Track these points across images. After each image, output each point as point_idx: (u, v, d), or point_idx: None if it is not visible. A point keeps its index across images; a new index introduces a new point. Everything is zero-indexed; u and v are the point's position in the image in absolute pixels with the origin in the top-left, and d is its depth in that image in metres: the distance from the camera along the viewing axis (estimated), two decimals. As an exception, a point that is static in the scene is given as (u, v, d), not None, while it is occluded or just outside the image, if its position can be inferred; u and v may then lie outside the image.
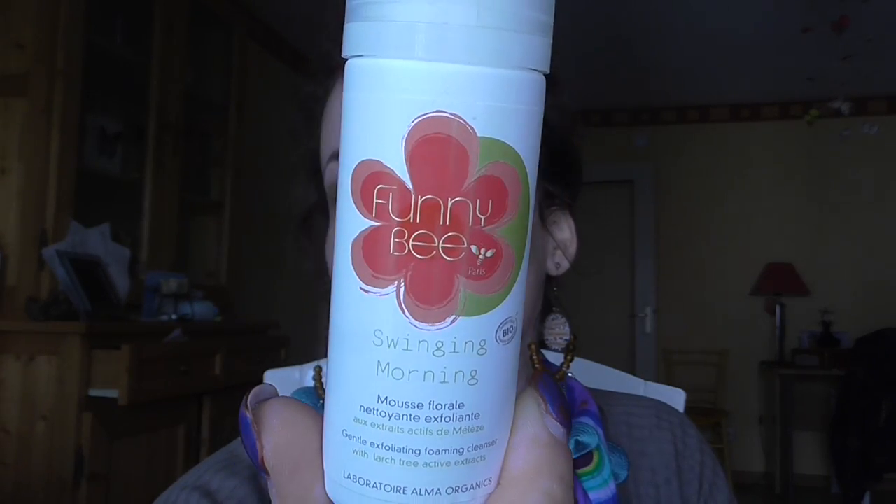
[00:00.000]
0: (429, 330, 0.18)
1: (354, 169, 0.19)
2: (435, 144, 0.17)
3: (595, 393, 0.56)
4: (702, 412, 4.84)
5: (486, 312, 0.18)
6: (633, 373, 0.88)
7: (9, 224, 2.14)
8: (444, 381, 0.18)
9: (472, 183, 0.17)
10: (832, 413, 4.50)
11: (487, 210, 0.18)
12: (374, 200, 0.18)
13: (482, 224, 0.18)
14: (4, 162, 2.17)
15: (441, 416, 0.18)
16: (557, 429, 0.20)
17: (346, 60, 0.19)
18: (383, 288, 0.18)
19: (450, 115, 0.17)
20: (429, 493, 0.17)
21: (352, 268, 0.19)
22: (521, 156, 0.18)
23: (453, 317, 0.18)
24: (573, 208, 0.52)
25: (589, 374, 0.93)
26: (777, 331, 4.94)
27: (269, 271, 4.13)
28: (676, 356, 5.16)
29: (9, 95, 2.18)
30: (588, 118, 5.61)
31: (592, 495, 0.45)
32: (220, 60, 3.17)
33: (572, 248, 0.51)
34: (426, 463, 0.17)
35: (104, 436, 1.98)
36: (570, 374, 0.53)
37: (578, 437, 0.47)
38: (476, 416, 0.18)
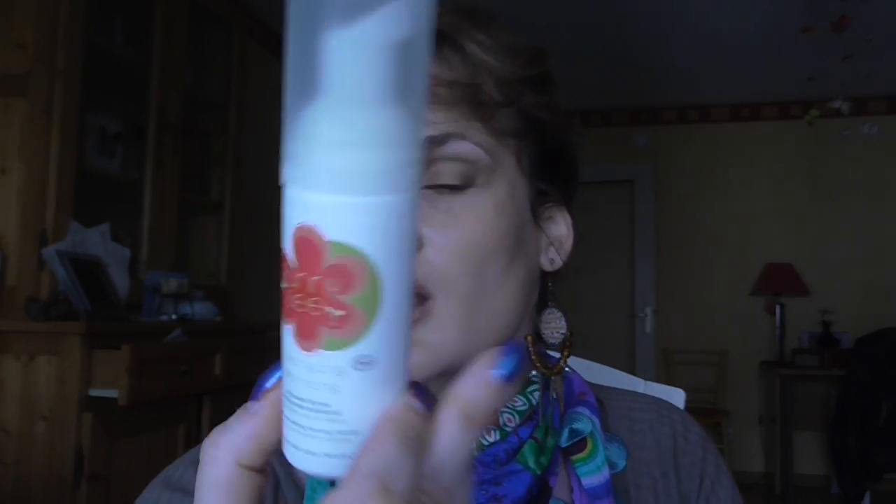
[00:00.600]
0: (307, 356, 0.28)
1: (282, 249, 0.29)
2: (304, 242, 0.28)
3: (596, 387, 0.57)
4: (702, 412, 4.84)
5: (341, 349, 0.28)
6: (633, 373, 0.88)
7: (9, 224, 2.14)
8: (315, 388, 0.28)
9: (325, 268, 0.27)
10: (832, 413, 4.50)
11: (338, 286, 0.27)
12: (283, 271, 0.30)
13: (335, 294, 0.27)
14: (4, 162, 2.17)
15: (315, 409, 0.28)
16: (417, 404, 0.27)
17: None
18: (287, 325, 0.30)
19: (310, 226, 0.28)
20: (313, 455, 0.28)
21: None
22: (367, 252, 0.27)
23: (319, 350, 0.28)
24: (570, 204, 0.54)
25: (589, 373, 0.93)
26: (777, 331, 4.94)
27: (269, 271, 4.13)
28: (676, 356, 5.16)
29: (9, 95, 2.18)
30: (588, 118, 5.61)
31: (585, 481, 0.47)
32: (220, 60, 3.17)
33: (568, 244, 0.54)
34: (312, 435, 0.28)
35: (104, 436, 1.98)
36: (567, 368, 0.55)
37: (572, 426, 0.48)
38: (338, 413, 0.28)
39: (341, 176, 0.27)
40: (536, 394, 0.49)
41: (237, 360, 2.51)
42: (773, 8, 3.69)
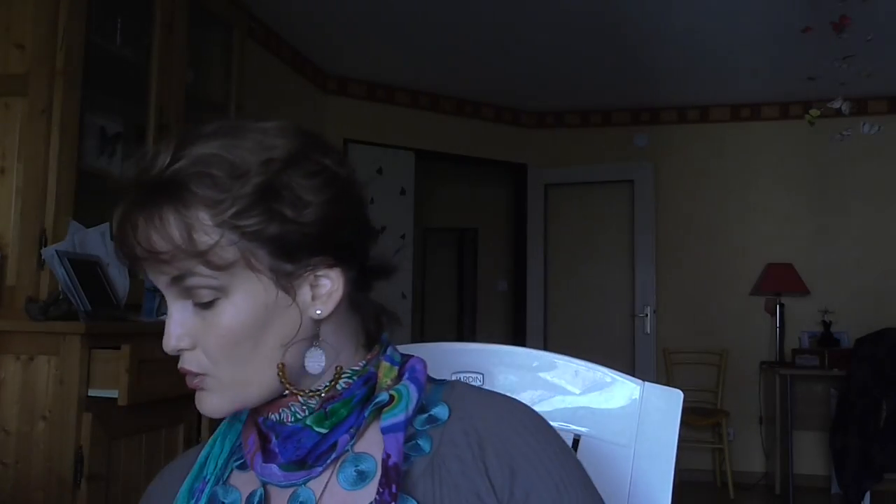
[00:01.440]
0: None
1: None
2: None
3: (454, 386, 0.74)
4: (702, 412, 4.84)
5: None
6: (632, 373, 0.88)
7: (9, 224, 2.15)
8: None
9: None
10: (832, 413, 4.50)
11: None
12: None
13: None
14: (4, 162, 2.17)
15: None
16: None
17: None
18: None
19: None
20: None
21: None
22: None
23: None
24: (344, 259, 0.68)
25: (589, 373, 0.93)
26: (777, 331, 4.95)
27: (269, 271, 4.14)
28: (676, 356, 5.16)
29: (9, 95, 2.18)
30: (588, 118, 5.61)
31: (383, 424, 0.66)
32: (220, 60, 3.17)
33: (336, 295, 0.68)
34: None
35: (104, 436, 1.98)
36: (419, 359, 0.73)
37: (392, 390, 0.69)
38: None
39: None
40: (344, 382, 0.69)
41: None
42: (773, 8, 3.69)
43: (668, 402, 0.87)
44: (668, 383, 0.86)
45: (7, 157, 2.16)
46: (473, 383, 0.83)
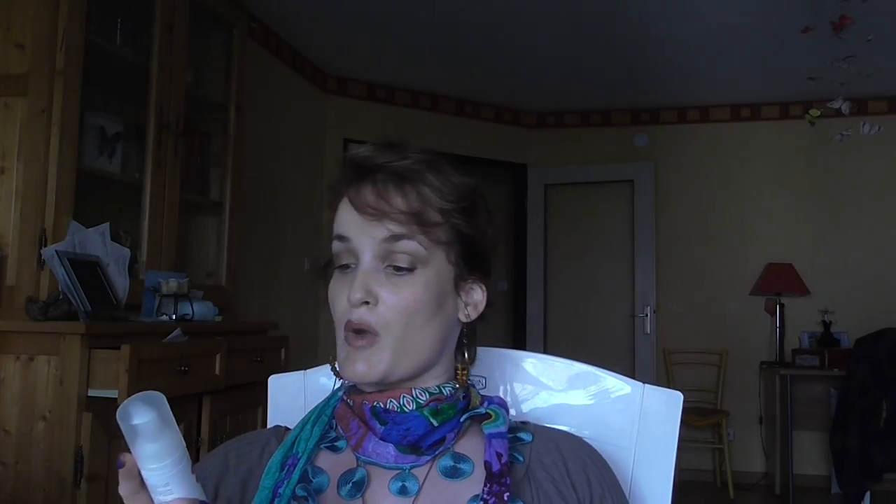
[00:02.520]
0: None
1: None
2: None
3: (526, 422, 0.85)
4: (702, 412, 4.84)
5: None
6: (632, 373, 0.88)
7: (9, 224, 2.15)
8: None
9: None
10: (832, 413, 4.50)
11: None
12: None
13: None
14: (4, 162, 2.17)
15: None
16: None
17: None
18: None
19: None
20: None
21: None
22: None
23: None
24: (488, 279, 0.84)
25: (589, 375, 0.93)
26: (777, 331, 4.95)
27: (269, 271, 4.14)
28: (676, 356, 5.16)
29: (9, 95, 2.18)
30: (588, 118, 5.61)
31: (487, 430, 0.76)
32: (220, 60, 3.17)
33: (480, 307, 0.83)
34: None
35: (104, 436, 1.98)
36: (496, 396, 0.84)
37: (486, 408, 0.80)
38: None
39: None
40: (448, 389, 0.79)
41: (237, 360, 2.51)
42: (773, 8, 3.69)
43: (668, 404, 0.87)
44: (668, 383, 0.86)
45: (7, 157, 2.16)
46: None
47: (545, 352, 1.36)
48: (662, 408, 0.87)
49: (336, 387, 0.84)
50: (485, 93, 5.31)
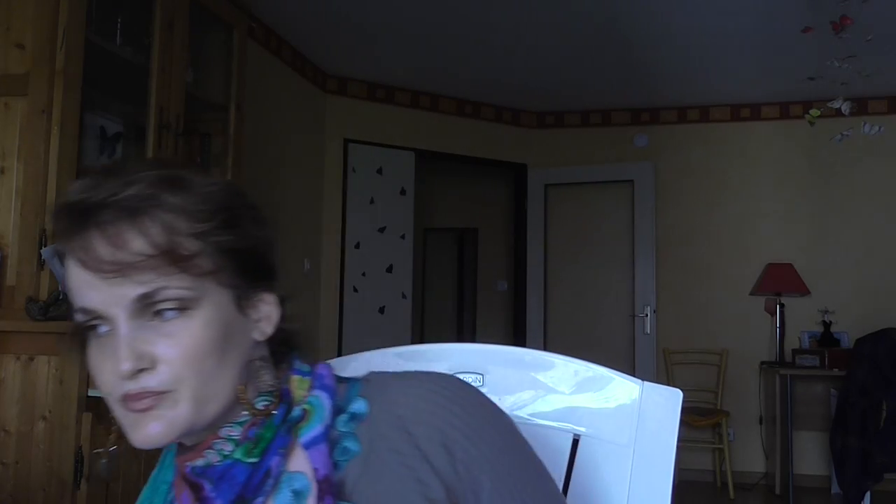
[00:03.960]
0: None
1: None
2: None
3: (370, 379, 0.73)
4: (702, 412, 4.84)
5: None
6: (633, 373, 0.88)
7: (9, 224, 2.15)
8: None
9: None
10: (832, 413, 4.50)
11: None
12: None
13: None
14: (4, 162, 2.17)
15: None
16: None
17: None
18: None
19: None
20: None
21: None
22: None
23: None
24: (273, 284, 0.73)
25: (588, 372, 0.93)
26: (777, 331, 4.95)
27: (269, 271, 4.13)
28: (676, 356, 5.16)
29: (9, 95, 2.18)
30: (588, 118, 5.61)
31: (301, 439, 0.66)
32: (220, 60, 3.17)
33: (275, 317, 0.72)
34: None
35: (104, 436, 1.98)
36: (325, 364, 0.75)
37: (305, 404, 0.69)
38: None
39: None
40: (262, 405, 0.68)
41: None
42: (773, 8, 3.69)
43: (667, 402, 0.87)
44: (668, 383, 0.86)
45: (7, 157, 2.17)
46: (473, 384, 0.81)
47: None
48: (662, 405, 0.87)
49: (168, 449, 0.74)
50: (485, 93, 5.31)
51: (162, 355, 0.63)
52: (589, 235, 5.59)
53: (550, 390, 0.93)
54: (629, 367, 5.24)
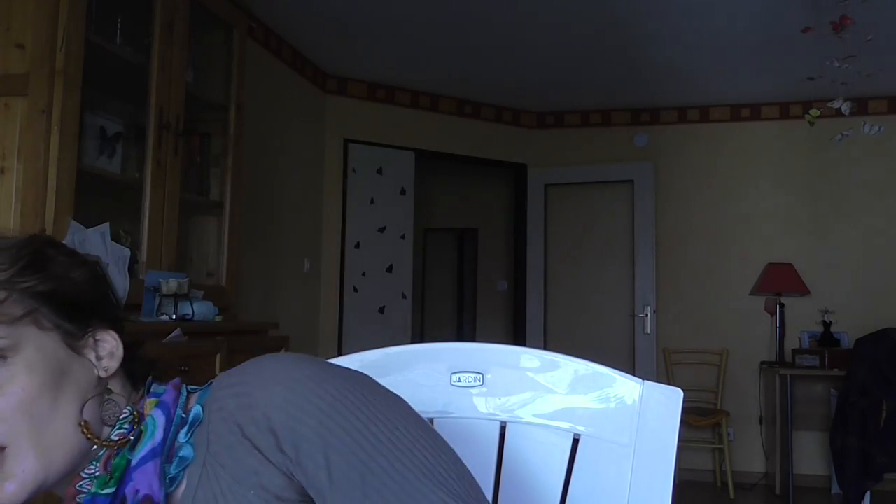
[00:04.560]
0: None
1: None
2: None
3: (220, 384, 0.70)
4: (702, 412, 4.84)
5: None
6: (632, 373, 0.88)
7: (9, 224, 2.14)
8: None
9: None
10: (832, 413, 4.50)
11: None
12: None
13: None
14: (4, 162, 2.17)
15: None
16: None
17: None
18: None
19: None
20: None
21: None
22: None
23: None
24: (111, 320, 0.73)
25: (588, 372, 0.93)
26: (777, 331, 4.95)
27: (269, 271, 4.14)
28: (676, 356, 5.16)
29: (9, 95, 2.18)
30: (588, 118, 5.61)
31: (133, 460, 0.66)
32: (220, 60, 3.17)
33: (118, 353, 0.72)
34: None
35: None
36: (175, 381, 0.74)
37: (133, 435, 0.68)
38: None
39: None
40: (117, 434, 0.68)
41: (237, 360, 2.50)
42: (773, 8, 3.69)
43: (668, 401, 0.87)
44: (668, 383, 0.86)
45: (7, 157, 2.16)
46: (473, 383, 0.79)
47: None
48: (662, 404, 0.87)
49: None
50: (485, 93, 5.31)
51: None
52: (589, 235, 5.59)
53: (551, 390, 0.93)
54: (629, 366, 5.24)
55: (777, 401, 4.73)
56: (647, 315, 5.34)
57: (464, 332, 7.21)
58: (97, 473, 0.67)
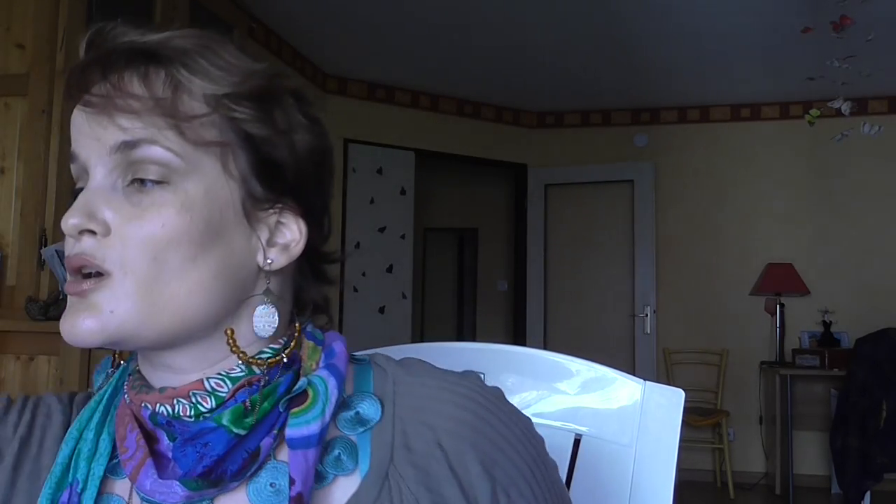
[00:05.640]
0: None
1: None
2: None
3: (395, 364, 0.61)
4: (702, 412, 4.84)
5: None
6: (632, 373, 0.88)
7: (9, 224, 2.15)
8: None
9: None
10: (832, 413, 4.50)
11: None
12: None
13: None
14: (4, 162, 2.17)
15: None
16: None
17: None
18: None
19: None
20: None
21: None
22: None
23: None
24: (312, 216, 0.59)
25: (590, 372, 0.93)
26: (777, 331, 4.94)
27: (269, 271, 4.13)
28: (676, 356, 5.16)
29: (9, 95, 2.18)
30: (588, 118, 5.61)
31: (289, 431, 0.52)
32: (220, 60, 3.17)
33: (294, 250, 0.58)
34: None
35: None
36: (339, 336, 0.60)
37: (310, 380, 0.55)
38: None
39: None
40: (266, 356, 0.55)
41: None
42: (773, 8, 3.69)
43: (669, 402, 0.87)
44: (668, 383, 0.86)
45: (7, 157, 2.16)
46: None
47: (546, 351, 1.35)
48: (664, 405, 0.87)
49: (129, 368, 0.60)
50: (485, 93, 5.31)
51: (116, 226, 0.52)
52: (589, 235, 5.59)
53: (552, 390, 0.93)
54: (629, 366, 5.24)
55: (777, 401, 4.73)
56: (647, 315, 5.34)
57: (464, 332, 7.21)
58: (224, 394, 0.53)
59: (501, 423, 0.56)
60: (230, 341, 0.54)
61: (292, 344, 0.57)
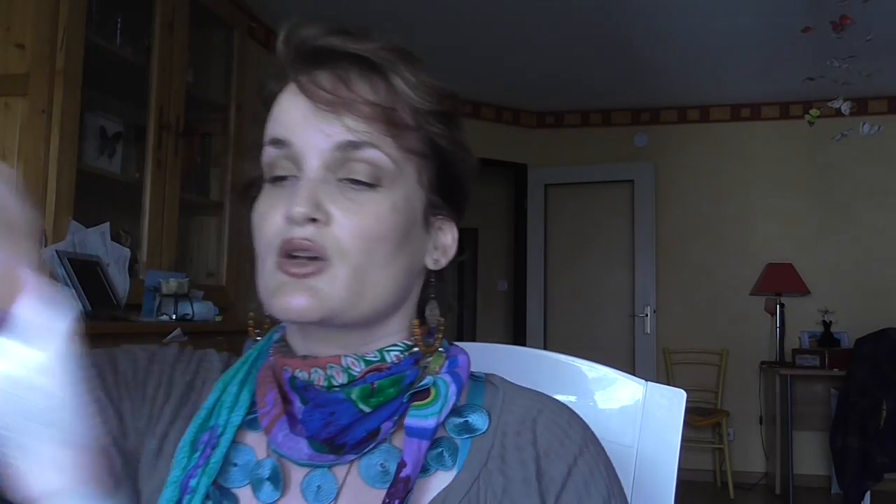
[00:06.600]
0: None
1: None
2: None
3: (502, 382, 0.67)
4: (702, 412, 4.84)
5: None
6: (633, 373, 0.88)
7: (9, 224, 2.14)
8: None
9: None
10: (832, 413, 4.50)
11: None
12: None
13: None
14: (4, 162, 2.17)
15: None
16: None
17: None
18: None
19: None
20: None
21: None
22: None
23: None
24: (459, 222, 0.68)
25: (591, 372, 0.93)
26: (777, 331, 4.94)
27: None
28: (676, 356, 5.16)
29: (9, 95, 2.18)
30: (588, 118, 5.61)
31: (408, 420, 0.59)
32: (220, 60, 3.17)
33: (451, 252, 0.67)
34: None
35: (104, 436, 1.98)
36: (464, 350, 0.67)
37: (435, 380, 0.62)
38: None
39: None
40: (394, 354, 0.61)
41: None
42: (773, 8, 3.69)
43: (671, 402, 0.87)
44: (668, 383, 0.86)
45: (7, 157, 2.16)
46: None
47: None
48: (665, 406, 0.87)
49: (274, 337, 0.66)
50: (485, 93, 5.31)
51: (339, 217, 0.57)
52: (589, 235, 5.59)
53: (552, 389, 0.93)
54: (629, 367, 5.24)
55: (777, 401, 4.73)
56: (647, 315, 5.34)
57: (464, 331, 7.21)
58: (356, 373, 0.59)
59: (597, 456, 0.63)
60: (416, 332, 0.63)
61: (438, 338, 0.65)
